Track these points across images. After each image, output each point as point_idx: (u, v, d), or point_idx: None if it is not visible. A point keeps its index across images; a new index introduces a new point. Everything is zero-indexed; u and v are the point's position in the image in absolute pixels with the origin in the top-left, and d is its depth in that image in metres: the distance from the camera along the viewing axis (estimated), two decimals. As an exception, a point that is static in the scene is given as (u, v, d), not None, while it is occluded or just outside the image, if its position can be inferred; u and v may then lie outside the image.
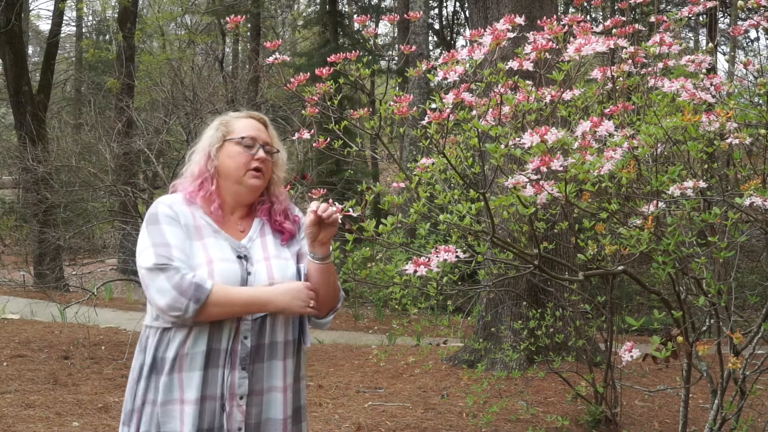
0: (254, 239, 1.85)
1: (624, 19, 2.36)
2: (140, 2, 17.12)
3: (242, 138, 1.86)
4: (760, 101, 2.51)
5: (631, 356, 2.17)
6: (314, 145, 2.47)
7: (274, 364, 1.78)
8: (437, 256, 1.95)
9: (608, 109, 2.25)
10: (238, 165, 1.84)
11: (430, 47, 17.75)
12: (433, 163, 2.63)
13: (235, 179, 1.85)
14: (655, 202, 2.27)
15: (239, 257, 1.79)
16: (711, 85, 2.49)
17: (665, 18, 2.79)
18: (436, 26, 19.98)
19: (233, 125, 1.89)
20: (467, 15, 18.25)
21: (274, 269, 1.80)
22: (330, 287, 1.85)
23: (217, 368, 1.72)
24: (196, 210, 1.82)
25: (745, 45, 16.34)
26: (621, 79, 2.49)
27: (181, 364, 1.71)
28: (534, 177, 2.02)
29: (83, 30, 22.17)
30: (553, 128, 1.87)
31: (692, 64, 2.51)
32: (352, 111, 2.46)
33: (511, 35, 1.93)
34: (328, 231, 1.81)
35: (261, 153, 1.86)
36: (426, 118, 2.06)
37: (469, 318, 6.76)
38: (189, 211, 1.81)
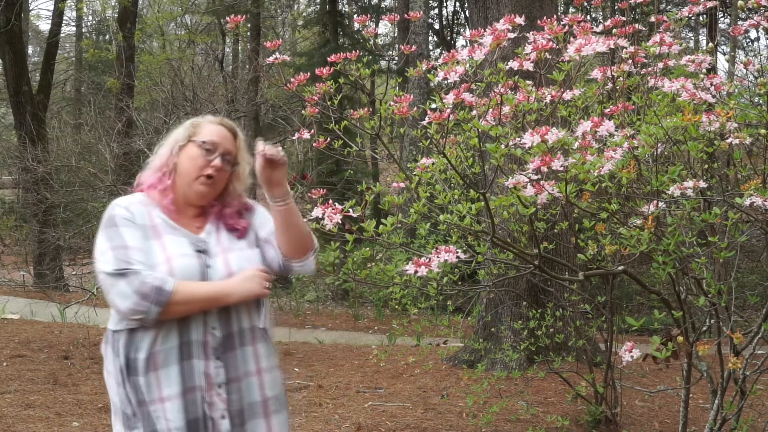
0: (211, 233, 1.89)
1: (624, 19, 2.36)
2: (140, 2, 17.13)
3: (203, 142, 1.88)
4: (760, 101, 2.51)
5: (632, 356, 2.17)
6: (314, 145, 2.47)
7: (246, 351, 1.84)
8: (438, 257, 1.95)
9: (608, 109, 2.25)
10: (192, 167, 1.87)
11: (430, 47, 17.75)
12: (433, 163, 2.63)
13: (187, 180, 1.88)
14: (655, 202, 2.27)
15: (198, 251, 1.83)
16: (711, 85, 2.49)
17: (665, 18, 2.79)
18: (436, 26, 19.98)
19: (202, 128, 1.92)
20: (467, 15, 18.26)
21: (231, 261, 1.85)
22: (299, 227, 1.90)
23: (193, 359, 1.76)
24: (152, 209, 1.86)
25: (745, 45, 16.34)
26: (621, 79, 2.49)
27: (155, 362, 1.74)
28: (534, 177, 2.02)
29: (83, 30, 22.17)
30: (554, 128, 1.87)
31: (692, 64, 2.51)
32: (352, 111, 2.45)
33: (511, 35, 1.93)
34: (280, 170, 1.84)
35: (218, 161, 1.88)
36: (426, 118, 2.06)
37: (469, 318, 6.76)
38: (145, 210, 1.85)
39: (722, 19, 14.33)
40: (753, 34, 14.93)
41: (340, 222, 2.13)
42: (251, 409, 1.83)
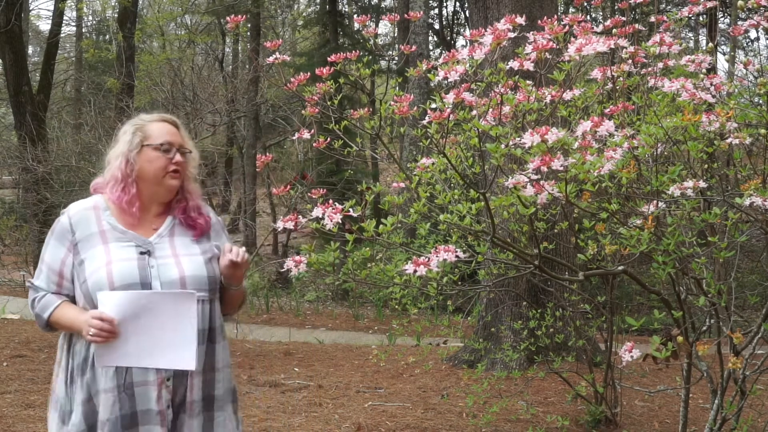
0: (163, 236, 1.97)
1: (624, 19, 2.36)
2: (140, 2, 17.13)
3: (161, 144, 1.97)
4: (760, 101, 2.51)
5: (632, 356, 2.17)
6: (314, 145, 2.47)
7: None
8: (437, 256, 1.95)
9: (608, 109, 2.25)
10: (157, 169, 1.96)
11: (430, 47, 17.75)
12: (433, 163, 2.63)
13: (154, 182, 1.97)
14: (655, 202, 2.27)
15: (142, 253, 1.91)
16: (711, 85, 2.49)
17: (665, 18, 2.79)
18: (436, 26, 19.98)
19: (149, 130, 1.99)
20: (467, 15, 18.26)
21: (184, 265, 1.93)
22: (240, 298, 2.10)
23: None
24: (103, 212, 1.96)
25: (745, 45, 16.34)
26: (621, 79, 2.49)
27: (93, 360, 1.87)
28: (534, 177, 2.02)
29: (83, 30, 22.15)
30: (554, 128, 1.87)
31: (692, 64, 2.51)
32: (352, 111, 2.46)
33: (511, 35, 1.93)
34: (242, 269, 2.00)
35: (178, 157, 1.98)
36: (426, 117, 2.06)
37: (469, 318, 6.76)
38: (94, 216, 1.96)
39: (722, 19, 14.33)
40: (753, 34, 14.94)
41: (340, 222, 2.13)
42: (182, 406, 1.91)
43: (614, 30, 2.26)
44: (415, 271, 1.95)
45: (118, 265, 1.86)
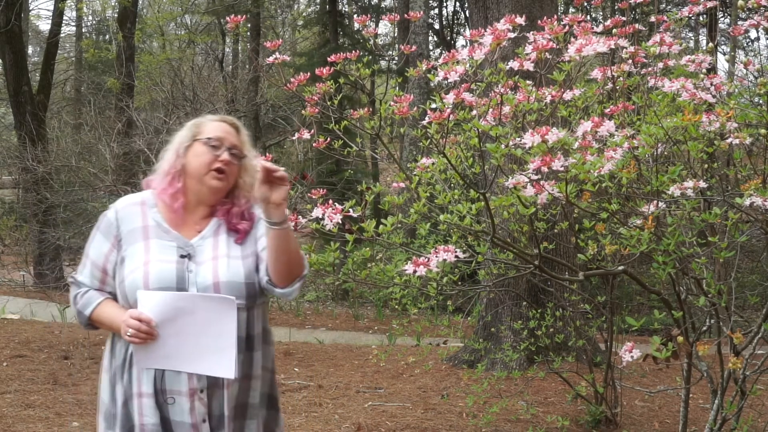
0: (206, 237, 1.89)
1: (624, 19, 2.36)
2: (140, 2, 17.13)
3: (209, 138, 1.90)
4: (760, 101, 2.51)
5: (632, 356, 2.17)
6: (314, 145, 2.48)
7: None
8: (437, 256, 1.95)
9: (608, 109, 2.25)
10: (201, 164, 1.88)
11: (430, 47, 17.74)
12: (433, 163, 2.63)
13: (197, 178, 1.89)
14: (655, 202, 2.27)
15: (182, 256, 1.84)
16: (711, 85, 2.49)
17: (665, 18, 2.79)
18: (436, 26, 19.98)
19: (204, 127, 1.94)
20: (467, 15, 18.25)
21: (219, 269, 1.83)
22: (291, 254, 1.82)
23: None
24: (150, 209, 1.91)
25: (745, 45, 16.34)
26: (621, 79, 2.49)
27: (132, 361, 1.82)
28: (534, 177, 2.02)
29: (83, 30, 22.15)
30: (554, 128, 1.87)
31: (692, 64, 2.51)
32: (352, 111, 2.46)
33: (511, 35, 1.93)
34: (280, 190, 1.75)
35: (225, 155, 1.89)
36: (426, 118, 2.06)
37: (469, 318, 6.76)
38: (140, 211, 1.90)
39: (722, 19, 14.33)
40: (753, 34, 14.93)
41: (340, 222, 2.13)
42: (220, 420, 1.82)
43: (614, 30, 2.26)
44: (415, 271, 1.95)
45: (156, 266, 1.81)
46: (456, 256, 1.95)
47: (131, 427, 1.81)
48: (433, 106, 2.27)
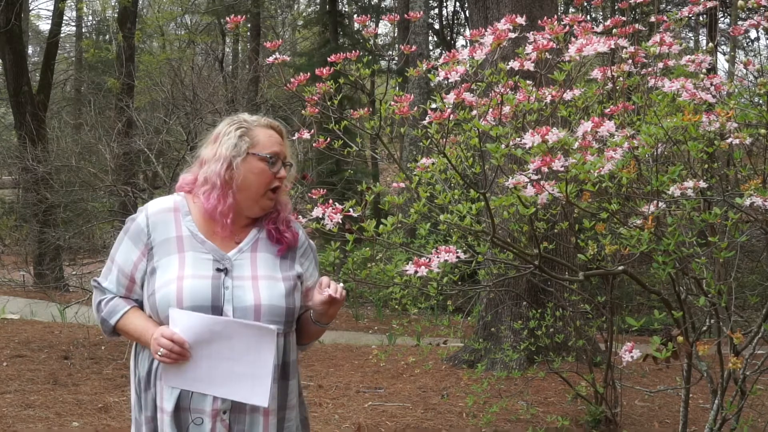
0: (244, 251, 1.79)
1: (624, 19, 2.36)
2: (140, 2, 17.12)
3: (269, 156, 1.77)
4: (760, 101, 2.51)
5: (632, 356, 2.17)
6: (314, 145, 2.48)
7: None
8: (438, 257, 1.95)
9: (608, 109, 2.25)
10: (260, 184, 1.77)
11: (430, 47, 17.74)
12: (433, 163, 2.63)
13: (253, 197, 1.78)
14: (655, 202, 2.27)
15: (218, 270, 1.74)
16: (711, 85, 2.49)
17: (665, 18, 2.79)
18: (436, 26, 19.97)
19: (257, 136, 1.79)
20: (467, 15, 18.25)
21: (261, 290, 1.74)
22: (320, 335, 1.93)
23: None
24: (184, 217, 1.79)
25: (745, 45, 16.34)
26: (621, 79, 2.49)
27: (156, 375, 1.73)
28: (534, 177, 2.02)
29: (83, 30, 22.15)
30: (554, 128, 1.88)
31: (692, 64, 2.50)
32: (352, 111, 2.46)
33: (512, 35, 1.93)
34: (337, 306, 1.79)
35: (282, 172, 1.79)
36: (427, 118, 2.06)
37: (469, 318, 6.76)
38: (174, 219, 1.78)
39: (722, 19, 14.33)
40: (753, 34, 14.94)
41: (341, 222, 2.13)
42: None
43: (614, 30, 2.26)
44: (416, 271, 1.95)
45: (190, 282, 1.69)
46: (457, 257, 1.96)
47: None
48: (434, 106, 2.27)
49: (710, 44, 9.03)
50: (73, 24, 21.48)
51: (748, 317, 3.67)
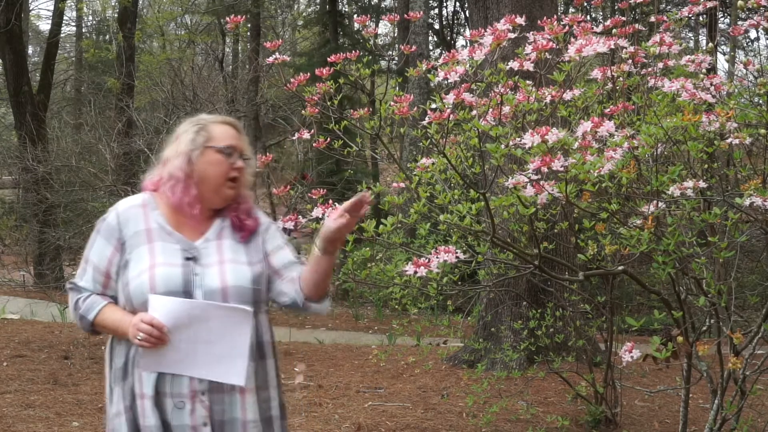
0: (210, 240, 1.88)
1: (624, 19, 2.36)
2: (140, 2, 17.13)
3: (225, 147, 1.88)
4: (760, 101, 2.51)
5: (632, 356, 2.18)
6: (314, 145, 2.48)
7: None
8: (437, 257, 1.95)
9: (608, 109, 2.26)
10: (218, 174, 1.87)
11: (430, 47, 17.74)
12: (433, 163, 2.63)
13: (212, 188, 1.88)
14: (655, 202, 2.27)
15: (187, 259, 1.83)
16: (711, 85, 2.49)
17: (665, 18, 2.79)
18: (436, 26, 19.97)
19: (213, 131, 1.90)
20: (467, 15, 18.25)
21: (227, 274, 1.83)
22: (330, 276, 1.90)
23: None
24: (152, 211, 1.89)
25: (745, 45, 16.34)
26: (621, 79, 2.49)
27: (134, 364, 1.80)
28: (534, 177, 2.02)
29: (83, 30, 22.15)
30: (554, 128, 1.88)
31: (692, 64, 2.51)
32: (352, 111, 2.46)
33: (511, 35, 1.93)
34: (350, 226, 1.83)
35: (239, 162, 1.89)
36: (426, 118, 2.07)
37: (469, 318, 6.75)
38: (143, 213, 1.88)
39: (722, 19, 14.33)
40: (753, 34, 14.94)
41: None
42: (231, 425, 1.81)
43: (614, 30, 2.26)
44: (416, 271, 1.95)
45: (162, 270, 1.79)
46: (457, 257, 1.96)
47: (137, 428, 1.78)
48: (433, 106, 2.27)
49: (710, 44, 9.03)
50: (73, 24, 21.50)
51: (748, 317, 3.67)
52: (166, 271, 1.79)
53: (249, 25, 15.48)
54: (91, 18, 22.82)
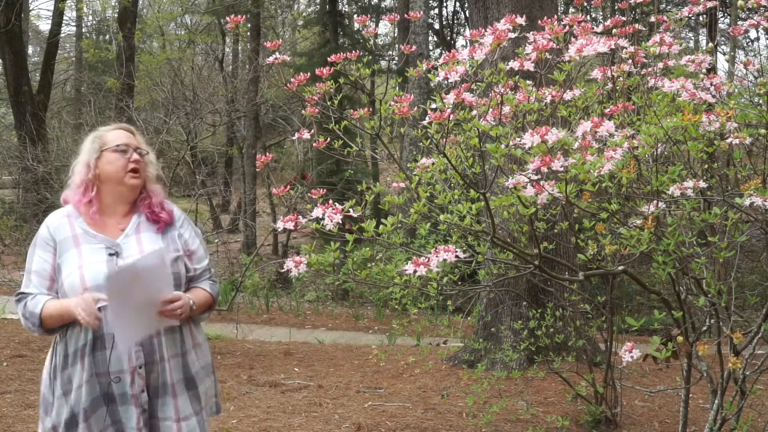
0: (130, 235, 2.16)
1: (624, 19, 2.36)
2: (140, 2, 17.13)
3: (117, 146, 2.18)
4: (760, 101, 2.51)
5: (632, 356, 2.18)
6: (314, 145, 2.48)
7: (158, 340, 2.11)
8: (437, 257, 1.95)
9: (608, 109, 2.25)
10: (117, 168, 2.16)
11: (430, 47, 17.74)
12: (433, 163, 2.63)
13: (116, 181, 2.16)
14: (655, 202, 2.27)
15: (111, 254, 2.10)
16: (711, 85, 2.49)
17: (665, 18, 2.79)
18: (436, 26, 19.98)
19: (106, 137, 2.21)
20: (467, 15, 18.25)
21: (145, 251, 2.12)
22: (203, 308, 2.23)
23: (105, 350, 2.04)
24: (75, 220, 2.15)
25: (745, 45, 16.34)
26: (621, 79, 2.49)
27: (76, 356, 2.06)
28: (534, 177, 2.02)
29: (83, 30, 22.16)
30: (554, 128, 1.87)
31: (692, 64, 2.51)
32: (352, 111, 2.46)
33: (512, 35, 1.93)
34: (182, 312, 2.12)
35: (135, 155, 2.19)
36: (426, 118, 2.06)
37: (469, 318, 6.76)
38: (68, 222, 2.15)
39: (722, 19, 14.33)
40: (753, 34, 14.94)
41: (340, 222, 2.13)
42: (164, 387, 2.10)
43: (614, 30, 2.26)
44: (415, 271, 1.95)
45: (89, 267, 2.06)
46: (456, 256, 1.96)
47: (74, 412, 2.01)
48: (434, 106, 2.27)
49: (710, 44, 9.02)
50: (73, 24, 21.51)
51: (748, 317, 3.67)
52: (93, 268, 2.06)
53: (249, 25, 15.46)
54: (91, 18, 22.82)
